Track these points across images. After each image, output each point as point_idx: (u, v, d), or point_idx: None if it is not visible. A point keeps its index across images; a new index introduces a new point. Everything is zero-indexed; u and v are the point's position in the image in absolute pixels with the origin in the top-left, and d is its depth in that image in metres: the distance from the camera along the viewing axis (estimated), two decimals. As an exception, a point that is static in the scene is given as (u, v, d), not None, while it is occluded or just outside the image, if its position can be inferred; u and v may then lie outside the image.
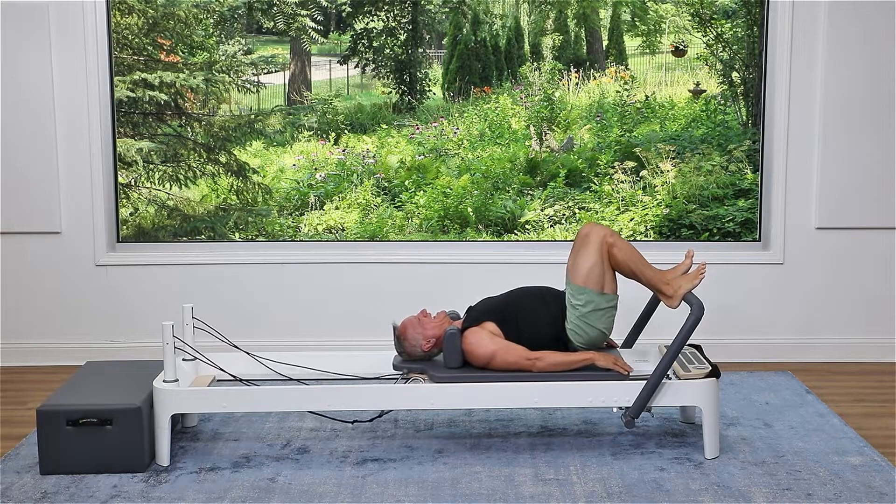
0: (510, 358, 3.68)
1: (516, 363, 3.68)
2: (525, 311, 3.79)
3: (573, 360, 3.70)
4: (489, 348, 3.69)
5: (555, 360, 3.69)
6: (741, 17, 5.03)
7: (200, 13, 5.02)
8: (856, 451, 3.79)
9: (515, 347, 3.70)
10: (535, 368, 3.68)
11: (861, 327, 5.03)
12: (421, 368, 3.74)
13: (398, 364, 3.79)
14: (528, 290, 3.90)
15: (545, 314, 3.78)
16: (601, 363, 3.69)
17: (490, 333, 3.73)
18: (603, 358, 3.71)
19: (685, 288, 3.76)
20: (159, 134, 5.07)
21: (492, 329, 3.74)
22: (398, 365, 3.79)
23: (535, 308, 3.80)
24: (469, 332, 3.74)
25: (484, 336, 3.71)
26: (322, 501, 3.39)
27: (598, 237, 3.70)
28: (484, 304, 3.87)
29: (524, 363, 3.68)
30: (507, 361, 3.68)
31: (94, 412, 3.56)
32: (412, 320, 3.80)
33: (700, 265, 3.82)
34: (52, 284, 4.98)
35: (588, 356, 3.71)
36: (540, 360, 3.68)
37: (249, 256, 5.02)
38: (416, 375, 3.72)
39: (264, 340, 4.92)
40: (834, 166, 4.90)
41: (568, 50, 5.18)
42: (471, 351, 3.71)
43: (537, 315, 3.78)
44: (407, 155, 5.16)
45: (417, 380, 3.69)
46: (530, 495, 3.42)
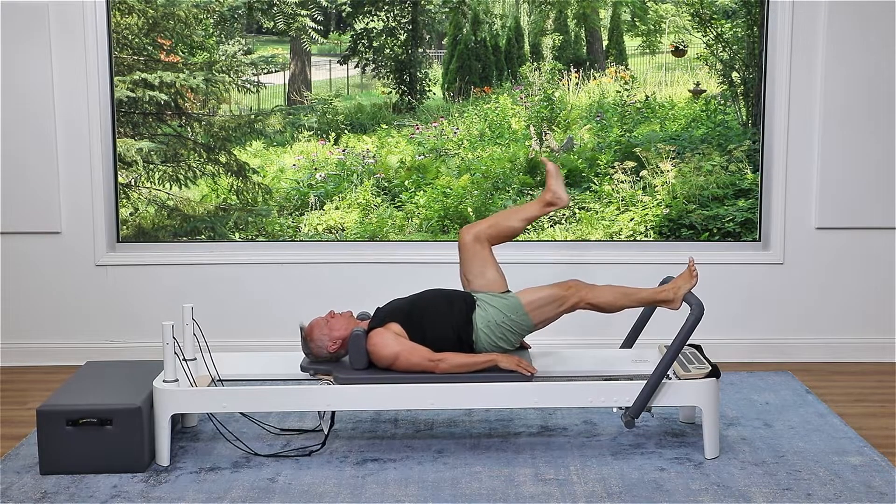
0: (413, 359, 3.68)
1: (419, 364, 3.68)
2: (430, 313, 3.78)
3: (476, 361, 3.71)
4: (393, 349, 3.68)
5: (458, 362, 3.69)
6: (741, 17, 5.03)
7: (200, 13, 5.02)
8: (856, 451, 3.79)
9: (419, 349, 3.70)
10: (438, 370, 3.68)
11: (861, 327, 5.03)
12: (327, 369, 3.74)
13: (305, 365, 3.79)
14: (435, 291, 3.90)
15: (450, 316, 3.77)
16: (504, 364, 3.70)
17: (394, 335, 3.72)
18: (506, 359, 3.71)
19: (684, 288, 3.77)
20: (159, 134, 5.07)
21: (396, 330, 3.74)
22: (305, 366, 3.79)
23: (441, 309, 3.79)
24: (374, 333, 3.74)
25: (388, 337, 3.71)
26: (322, 501, 3.39)
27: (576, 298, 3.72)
28: (390, 305, 3.87)
29: (427, 364, 3.68)
30: (410, 362, 3.68)
31: (94, 412, 3.56)
32: (319, 321, 3.79)
33: (689, 263, 3.80)
34: (52, 284, 4.98)
35: (491, 357, 3.72)
36: (443, 361, 3.68)
37: (249, 256, 5.02)
38: (322, 377, 3.72)
39: (264, 340, 4.93)
40: (834, 166, 4.90)
41: (568, 50, 5.18)
42: (375, 352, 3.71)
43: (442, 316, 3.77)
44: (407, 155, 5.16)
45: (324, 381, 3.70)
46: (530, 495, 3.42)
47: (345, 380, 3.67)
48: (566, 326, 4.43)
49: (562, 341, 4.65)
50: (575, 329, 4.72)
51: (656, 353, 3.98)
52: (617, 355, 4.06)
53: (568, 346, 4.62)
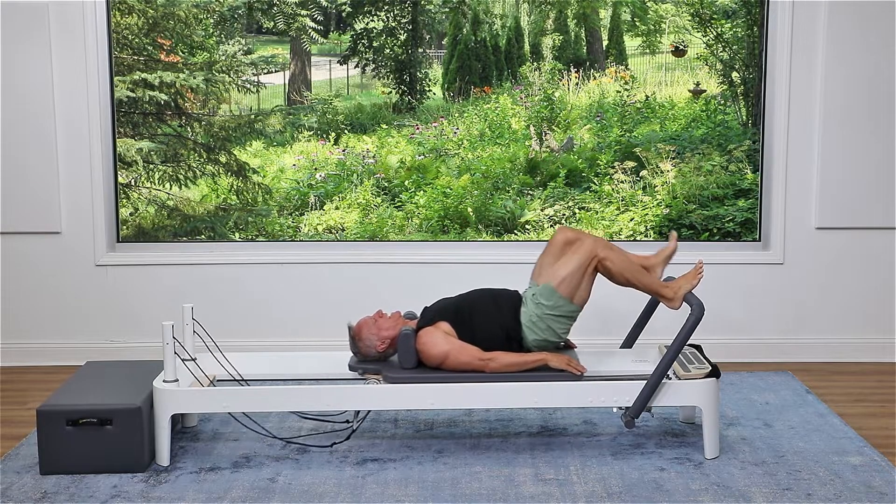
0: (463, 358, 3.68)
1: (469, 364, 3.68)
2: (479, 312, 3.79)
3: (526, 360, 3.71)
4: (442, 348, 3.69)
5: (508, 361, 3.69)
6: (741, 17, 5.03)
7: (200, 13, 5.02)
8: (856, 451, 3.79)
9: (469, 348, 3.70)
10: (488, 369, 3.68)
11: (861, 327, 5.03)
12: (376, 369, 3.75)
13: (354, 364, 3.80)
14: (482, 290, 3.90)
15: (498, 315, 3.78)
16: (554, 364, 3.70)
17: (444, 333, 3.73)
18: (556, 359, 3.71)
19: (685, 288, 3.77)
20: (159, 134, 5.07)
21: (446, 329, 3.74)
22: (354, 365, 3.80)
23: (489, 308, 3.80)
24: (423, 332, 3.75)
25: (438, 336, 3.72)
26: (322, 501, 3.39)
27: (588, 251, 3.69)
28: (439, 304, 3.88)
29: (477, 364, 3.68)
30: (460, 362, 3.68)
31: (94, 412, 3.56)
32: (367, 321, 3.80)
33: (697, 264, 3.82)
34: (52, 284, 4.98)
35: (541, 356, 3.71)
36: (493, 360, 3.69)
37: (249, 256, 5.02)
38: (371, 376, 3.72)
39: (264, 340, 4.93)
40: (834, 166, 4.90)
41: (568, 50, 5.18)
42: (424, 351, 3.71)
43: (491, 315, 3.78)
44: (407, 155, 5.16)
45: (372, 380, 3.70)
46: (530, 495, 3.42)
47: (394, 379, 3.67)
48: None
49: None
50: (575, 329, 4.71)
51: (656, 353, 3.98)
52: (617, 355, 4.06)
53: (568, 346, 4.62)
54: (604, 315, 4.59)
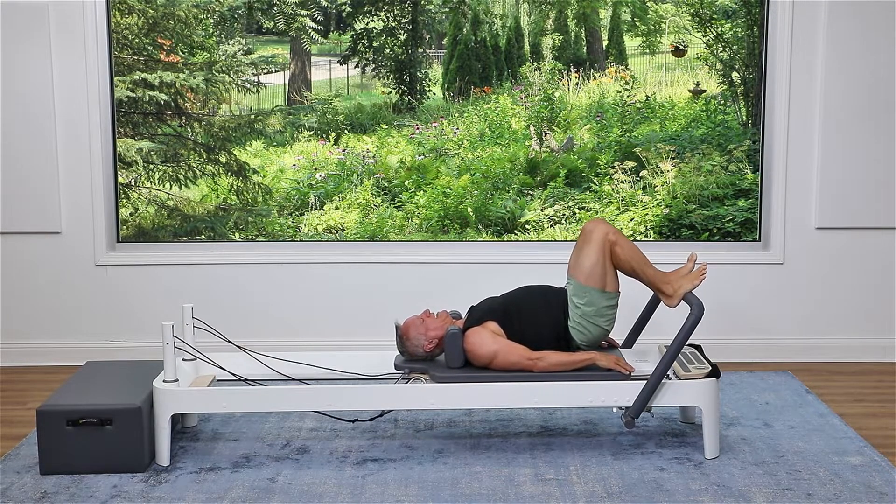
0: (512, 358, 3.68)
1: (518, 363, 3.68)
2: (527, 311, 3.79)
3: (574, 360, 3.70)
4: (491, 348, 3.69)
5: (556, 361, 3.69)
6: (741, 17, 5.03)
7: (200, 13, 5.02)
8: (856, 451, 3.79)
9: (517, 347, 3.70)
10: (537, 368, 3.68)
11: (861, 327, 5.03)
12: (422, 368, 3.74)
13: (400, 364, 3.80)
14: (530, 289, 3.89)
15: (547, 314, 3.78)
16: (602, 363, 3.69)
17: (492, 333, 3.73)
18: (604, 358, 3.71)
19: (685, 288, 3.76)
20: (159, 134, 5.07)
21: (494, 329, 3.74)
22: (400, 364, 3.79)
23: (537, 308, 3.80)
24: (471, 332, 3.74)
25: (486, 336, 3.71)
26: (322, 501, 3.39)
27: (601, 235, 3.71)
28: (486, 303, 3.87)
29: (526, 363, 3.68)
30: (508, 361, 3.68)
31: (94, 412, 3.56)
32: (415, 320, 3.80)
33: (701, 266, 3.82)
34: (52, 284, 4.98)
35: (590, 356, 3.71)
36: (541, 360, 3.68)
37: (249, 256, 5.02)
38: (417, 375, 3.72)
39: (264, 340, 4.92)
40: (834, 166, 4.90)
41: (568, 50, 5.18)
42: (472, 351, 3.71)
43: (539, 315, 3.78)
44: (407, 155, 5.16)
45: (419, 379, 3.70)
46: (530, 495, 3.42)
47: (442, 378, 3.67)
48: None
49: (562, 341, 4.66)
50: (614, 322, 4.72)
51: (656, 353, 3.98)
52: (617, 355, 4.06)
53: (568, 346, 4.62)
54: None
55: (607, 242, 3.70)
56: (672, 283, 3.78)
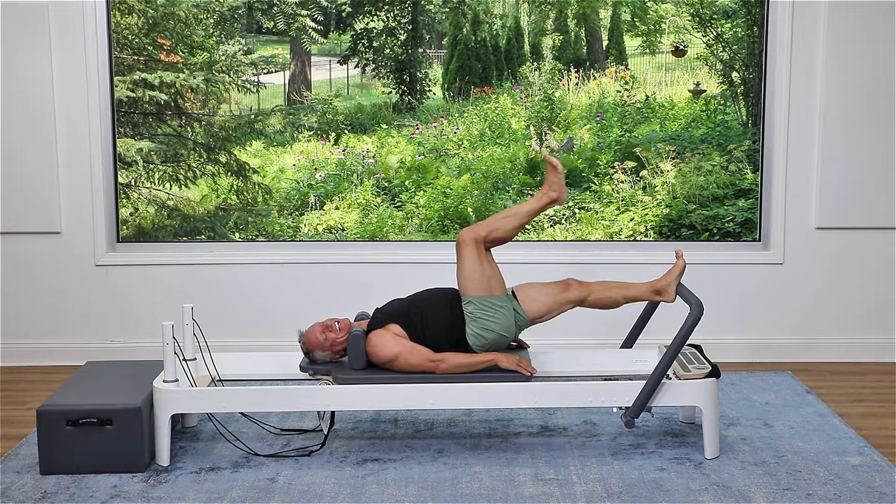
0: (414, 360, 3.69)
1: (420, 365, 3.69)
2: (429, 314, 3.79)
3: (476, 361, 3.71)
4: (393, 350, 3.69)
5: (458, 362, 3.70)
6: (741, 17, 5.03)
7: (200, 13, 5.02)
8: (856, 451, 3.79)
9: (419, 349, 3.71)
10: (439, 370, 3.68)
11: (861, 327, 5.03)
12: (326, 370, 3.75)
13: (304, 366, 3.80)
14: (434, 291, 3.91)
15: (449, 316, 3.78)
16: (504, 364, 3.70)
17: (394, 335, 3.73)
18: (506, 359, 3.71)
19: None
20: (159, 134, 5.07)
21: (396, 331, 3.75)
22: (304, 367, 3.80)
23: (440, 310, 3.80)
24: (373, 334, 3.75)
25: (388, 338, 3.72)
26: (322, 501, 3.39)
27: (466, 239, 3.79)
28: (389, 305, 3.88)
29: (428, 365, 3.69)
30: (410, 363, 3.69)
31: (94, 412, 3.56)
32: (318, 339, 3.76)
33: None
34: (52, 284, 4.98)
35: (491, 357, 3.72)
36: (443, 361, 3.69)
37: (249, 256, 5.02)
38: (322, 377, 3.73)
39: (264, 340, 4.93)
40: (834, 166, 4.90)
41: (568, 50, 5.18)
42: (375, 352, 3.72)
43: (441, 317, 3.78)
44: (407, 155, 5.16)
45: (323, 381, 3.71)
46: (530, 495, 3.42)
47: (344, 380, 3.68)
48: (566, 326, 4.44)
49: (562, 341, 4.66)
50: (575, 329, 4.72)
51: (656, 353, 3.98)
52: (617, 355, 4.06)
53: (568, 346, 4.62)
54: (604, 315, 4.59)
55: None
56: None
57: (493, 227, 3.83)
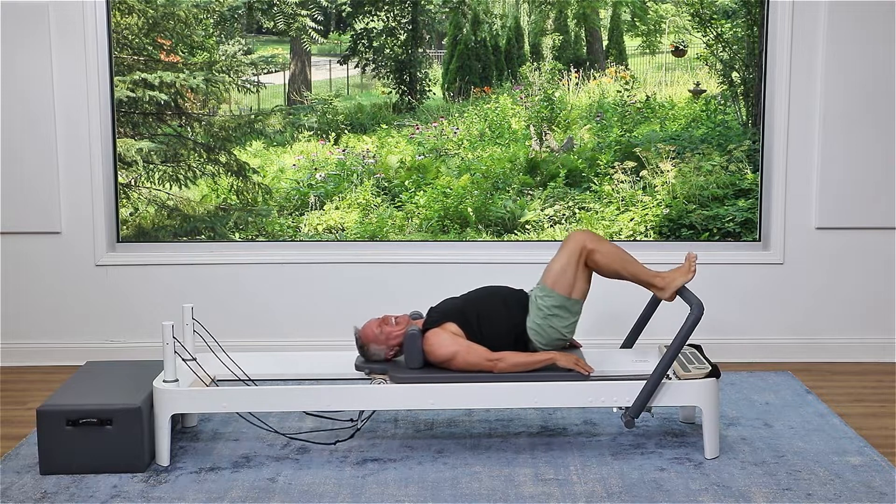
0: (471, 359, 3.69)
1: (477, 364, 3.69)
2: (486, 312, 3.79)
3: (534, 360, 3.71)
4: (450, 349, 3.69)
5: (516, 361, 3.70)
6: (741, 17, 5.03)
7: (200, 13, 5.02)
8: (856, 451, 3.79)
9: (477, 348, 3.71)
10: (496, 369, 3.68)
11: (861, 327, 5.03)
12: (382, 369, 3.75)
13: (360, 365, 3.81)
14: (489, 290, 3.90)
15: (506, 315, 3.78)
16: (562, 363, 3.70)
17: (451, 334, 3.73)
18: (564, 358, 3.71)
19: (678, 281, 3.76)
20: (159, 134, 5.07)
21: (453, 330, 3.75)
22: (360, 365, 3.81)
23: (497, 309, 3.80)
24: (430, 333, 3.75)
25: (445, 337, 3.72)
26: (322, 501, 3.39)
27: (578, 242, 3.71)
28: (445, 304, 3.88)
29: (485, 364, 3.68)
30: (468, 362, 3.69)
31: (94, 412, 3.56)
32: (373, 331, 3.78)
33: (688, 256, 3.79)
34: (52, 284, 4.98)
35: (549, 356, 3.72)
36: (501, 360, 3.69)
37: (249, 256, 5.02)
38: (377, 376, 3.73)
39: (264, 340, 4.93)
40: (834, 166, 4.90)
41: (568, 50, 5.18)
42: (432, 352, 3.72)
43: (498, 316, 3.78)
44: (407, 155, 5.16)
45: (379, 380, 3.70)
46: (530, 495, 3.42)
47: (401, 379, 3.67)
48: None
49: (562, 341, 4.65)
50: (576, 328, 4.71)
51: (656, 353, 3.98)
52: (617, 355, 4.06)
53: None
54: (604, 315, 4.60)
55: (583, 251, 3.70)
56: (663, 276, 3.77)
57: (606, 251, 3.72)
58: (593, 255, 3.71)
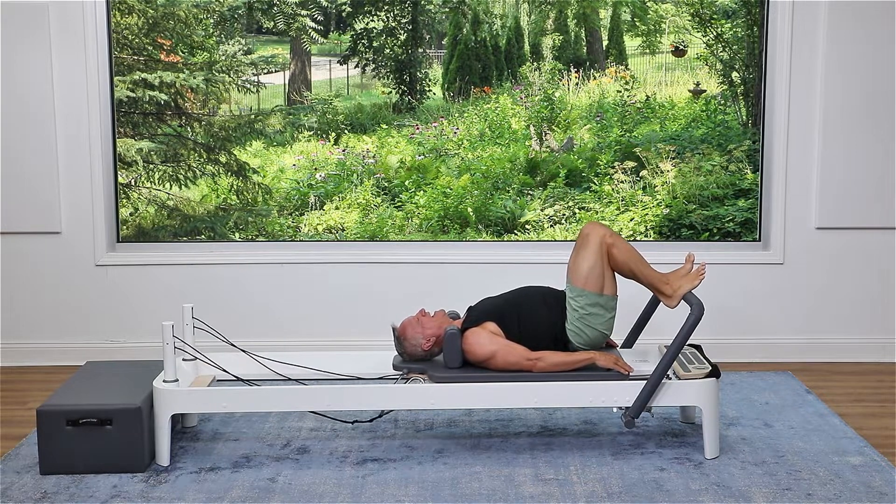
0: (511, 358, 3.68)
1: (517, 363, 3.68)
2: (526, 312, 3.79)
3: (574, 360, 3.70)
4: (490, 348, 3.69)
5: (555, 361, 3.69)
6: (741, 17, 5.03)
7: (200, 13, 5.02)
8: (856, 451, 3.79)
9: (516, 347, 3.70)
10: (536, 369, 3.68)
11: (861, 327, 5.03)
12: (421, 368, 3.74)
13: (398, 364, 3.80)
14: (528, 290, 3.90)
15: (545, 315, 3.78)
16: (602, 363, 3.70)
17: (490, 333, 3.73)
18: (604, 358, 3.71)
19: (685, 288, 3.76)
20: (159, 134, 5.07)
21: (492, 329, 3.74)
22: (398, 365, 3.80)
23: (536, 309, 3.80)
24: (469, 333, 3.75)
25: (484, 336, 3.71)
26: (322, 501, 3.39)
27: (598, 237, 3.71)
28: (485, 303, 3.87)
29: (525, 363, 3.68)
30: (507, 362, 3.68)
31: (94, 412, 3.56)
32: (411, 320, 3.80)
33: (700, 265, 3.82)
34: (52, 284, 4.98)
35: (589, 356, 3.71)
36: (541, 360, 3.69)
37: (249, 256, 5.02)
38: (416, 375, 3.72)
39: (264, 340, 4.92)
40: (834, 166, 4.90)
41: (568, 50, 5.18)
42: (471, 351, 3.71)
43: (538, 316, 3.78)
44: (407, 155, 5.16)
45: (417, 380, 3.70)
46: (530, 495, 3.42)
47: (441, 378, 3.67)
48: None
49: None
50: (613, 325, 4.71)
51: (656, 353, 3.98)
52: (617, 355, 4.06)
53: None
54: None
55: (604, 245, 3.70)
56: (671, 284, 3.78)
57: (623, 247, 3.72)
58: (612, 249, 3.71)
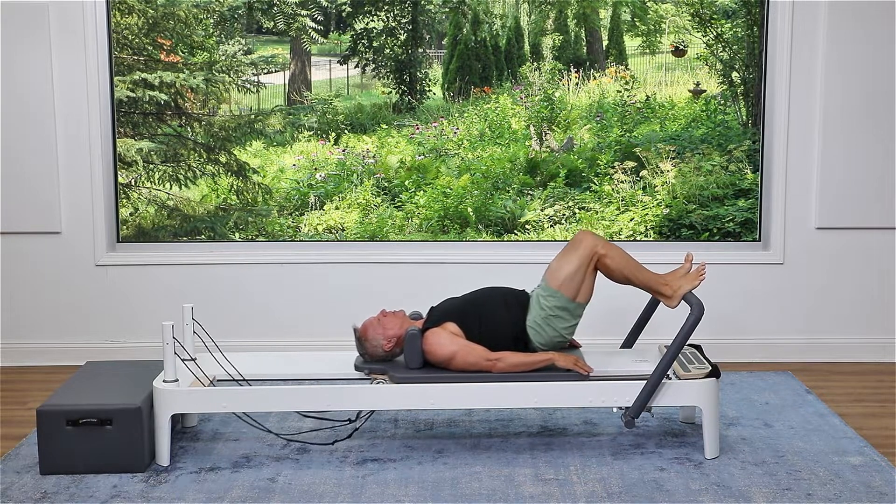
0: (471, 359, 3.69)
1: (476, 364, 3.69)
2: (486, 312, 3.79)
3: (533, 360, 3.71)
4: (449, 349, 3.69)
5: (515, 361, 3.70)
6: (741, 17, 5.03)
7: (200, 13, 5.02)
8: (856, 451, 3.79)
9: (475, 348, 3.70)
10: (496, 369, 3.68)
11: (861, 327, 5.03)
12: (382, 369, 3.75)
13: (360, 365, 3.81)
14: (489, 290, 3.90)
15: (506, 315, 3.78)
16: (561, 363, 3.70)
17: (451, 334, 3.73)
18: (563, 358, 3.71)
19: (685, 288, 3.76)
20: (159, 134, 5.07)
21: (453, 329, 3.75)
22: (360, 366, 3.81)
23: (497, 309, 3.80)
24: (430, 333, 3.75)
25: (445, 337, 3.72)
26: (322, 501, 3.39)
27: (589, 248, 3.69)
28: (446, 304, 3.88)
29: (484, 364, 3.69)
30: (467, 362, 3.69)
31: (94, 412, 3.56)
32: (372, 321, 3.80)
33: (700, 265, 3.82)
34: (52, 284, 4.98)
35: (548, 356, 3.71)
36: (500, 360, 3.69)
37: (249, 256, 5.02)
38: (377, 376, 3.73)
39: (264, 340, 4.93)
40: (834, 166, 4.90)
41: (568, 50, 5.18)
42: (431, 351, 3.72)
43: (498, 316, 3.78)
44: (407, 155, 5.16)
45: (378, 380, 3.70)
46: (530, 495, 3.42)
47: (401, 379, 3.68)
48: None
49: (562, 341, 4.65)
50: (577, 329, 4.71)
51: (656, 353, 3.98)
52: (617, 355, 4.06)
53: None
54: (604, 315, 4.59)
55: (594, 256, 3.69)
56: (671, 284, 3.77)
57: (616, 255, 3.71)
58: (604, 259, 3.70)
